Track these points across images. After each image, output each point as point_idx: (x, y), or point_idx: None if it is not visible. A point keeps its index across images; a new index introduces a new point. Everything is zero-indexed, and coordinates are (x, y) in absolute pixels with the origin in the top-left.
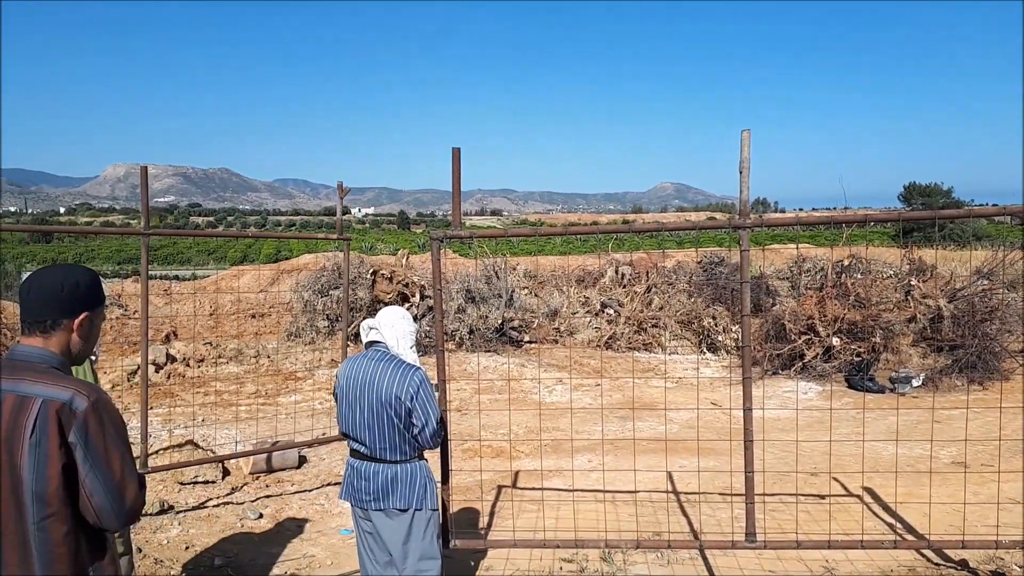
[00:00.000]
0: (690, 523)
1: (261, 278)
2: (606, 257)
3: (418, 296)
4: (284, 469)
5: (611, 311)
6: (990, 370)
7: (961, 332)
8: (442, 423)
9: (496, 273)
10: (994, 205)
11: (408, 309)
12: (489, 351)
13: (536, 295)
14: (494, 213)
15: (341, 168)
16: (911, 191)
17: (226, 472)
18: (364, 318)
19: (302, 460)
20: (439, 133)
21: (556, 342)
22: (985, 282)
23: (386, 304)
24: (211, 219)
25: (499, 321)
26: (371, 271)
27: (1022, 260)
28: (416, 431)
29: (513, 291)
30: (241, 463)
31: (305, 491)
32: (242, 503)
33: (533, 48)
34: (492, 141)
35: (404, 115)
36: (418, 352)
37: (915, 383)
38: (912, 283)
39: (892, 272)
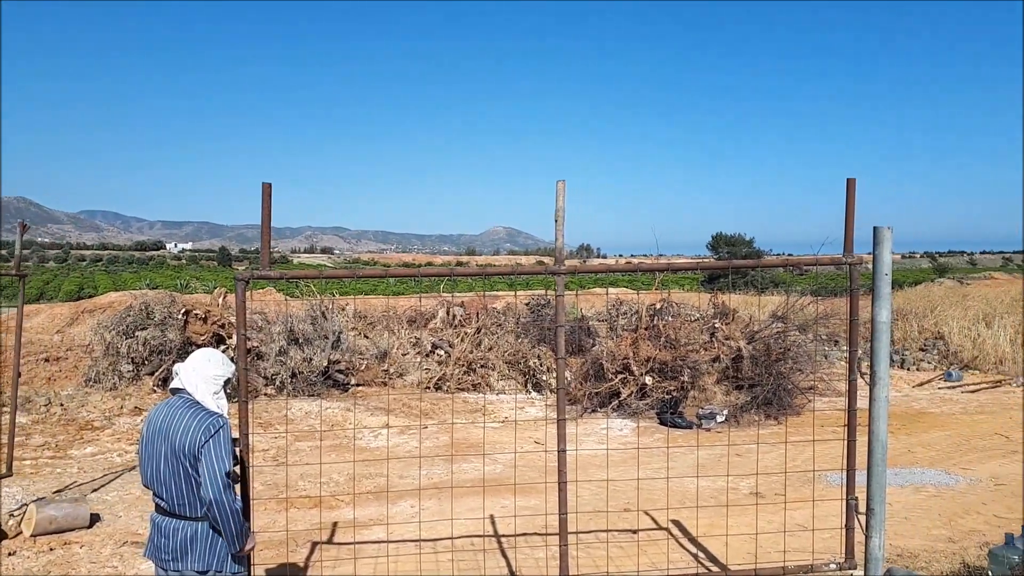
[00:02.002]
0: (509, 566)
1: (57, 318)
2: (438, 298)
3: (236, 337)
4: (73, 529)
5: (441, 352)
6: (784, 406)
7: (759, 371)
8: (232, 480)
9: (323, 313)
10: (790, 255)
11: (224, 351)
12: (313, 395)
13: (366, 336)
14: (324, 251)
15: (157, 200)
16: (718, 240)
17: (2, 535)
18: (174, 362)
19: (95, 518)
20: (267, 166)
21: (385, 384)
22: (780, 325)
23: (199, 346)
24: (2, 252)
25: (324, 364)
26: (183, 311)
27: (811, 305)
28: (198, 485)
29: (340, 332)
30: (21, 524)
31: (97, 553)
32: (19, 573)
33: (370, 87)
34: (325, 178)
35: (229, 146)
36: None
37: (719, 419)
38: (716, 325)
39: (699, 315)
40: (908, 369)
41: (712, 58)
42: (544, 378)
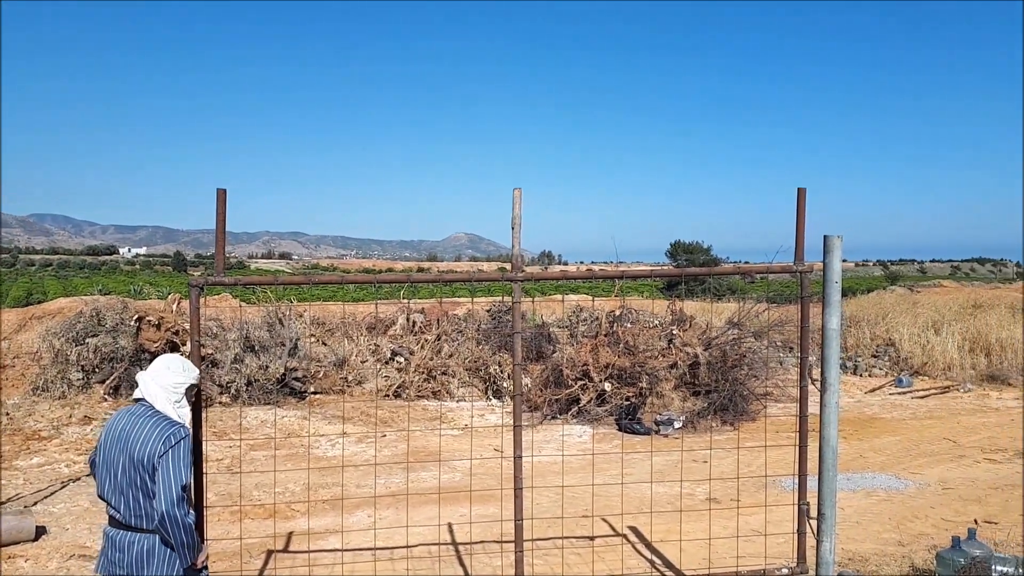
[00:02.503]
0: (465, 573)
1: (4, 324)
2: (398, 304)
3: (189, 345)
4: (18, 542)
5: (401, 359)
6: (739, 412)
7: (715, 377)
8: (186, 493)
9: (280, 320)
10: (747, 262)
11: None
12: (269, 403)
13: (323, 343)
14: (283, 256)
15: (111, 204)
16: (677, 248)
17: None
18: (125, 369)
19: (40, 531)
20: (224, 170)
21: (343, 392)
22: (735, 331)
23: (153, 354)
24: None
25: (281, 371)
26: (135, 317)
27: (766, 311)
28: (152, 496)
29: (298, 339)
30: None
31: (43, 567)
32: None
33: (329, 91)
34: (283, 182)
35: (185, 150)
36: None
37: (676, 425)
38: (674, 332)
39: (657, 322)
40: (861, 375)
41: (670, 66)
42: (505, 385)
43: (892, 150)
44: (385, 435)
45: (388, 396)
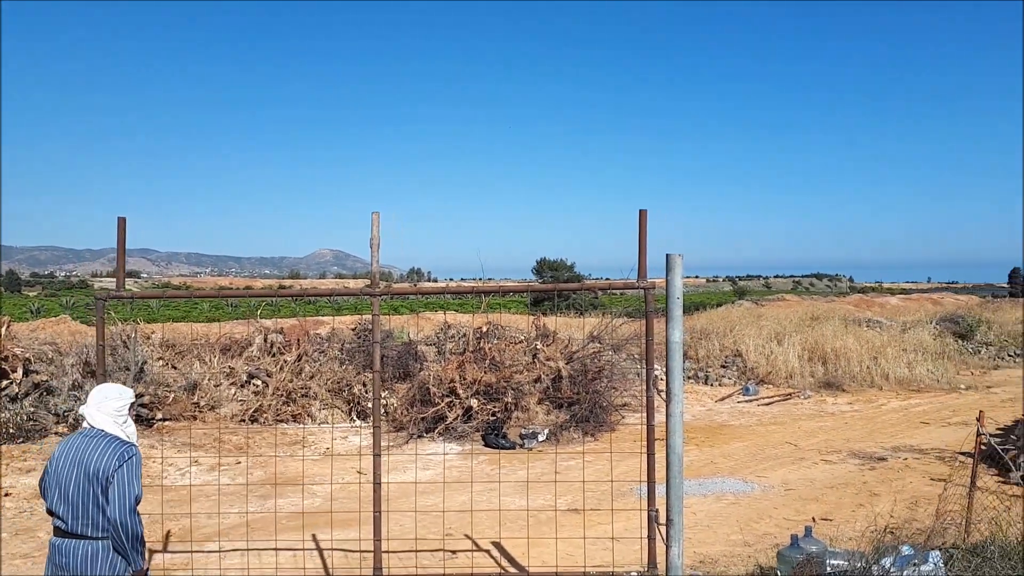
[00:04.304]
0: None
1: None
2: (255, 324)
3: (20, 371)
4: None
5: (258, 382)
6: (600, 422)
7: (577, 390)
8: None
9: (125, 343)
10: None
11: (7, 387)
12: None
13: (174, 366)
14: (130, 275)
15: None
16: (542, 265)
17: None
18: None
19: None
20: (63, 182)
21: (195, 418)
22: (596, 345)
23: None
24: None
25: None
26: None
27: (623, 325)
28: (107, 506)
29: (145, 362)
30: None
31: None
32: None
33: (183, 98)
34: (130, 195)
35: (20, 161)
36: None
37: (540, 438)
38: (538, 347)
39: (523, 337)
40: (711, 385)
41: (529, 83)
42: (370, 405)
43: (740, 172)
44: (240, 462)
45: (244, 421)
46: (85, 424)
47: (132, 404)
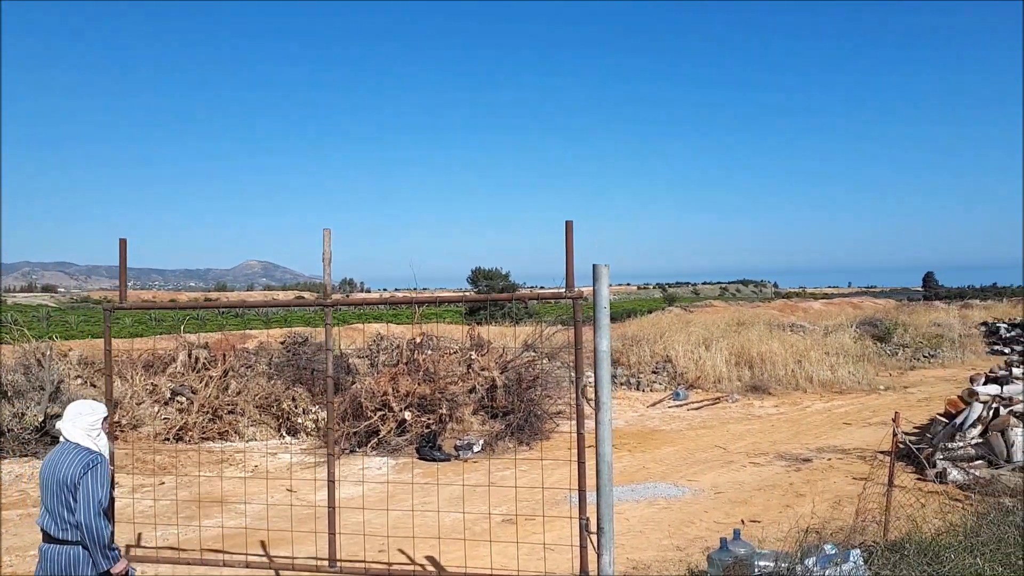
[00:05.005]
0: None
1: None
2: (178, 339)
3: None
4: None
5: (183, 399)
6: (535, 431)
7: (512, 399)
8: (103, 509)
9: (39, 361)
10: (542, 287)
11: None
12: (27, 455)
13: (93, 385)
14: (46, 289)
15: None
16: (477, 274)
17: None
18: None
19: None
20: None
21: (116, 438)
22: (530, 354)
23: None
24: None
25: (41, 418)
26: None
27: (557, 334)
28: (74, 510)
29: (61, 381)
30: None
31: None
32: None
33: (101, 102)
34: (46, 205)
35: None
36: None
37: (476, 448)
38: (473, 357)
39: (458, 347)
40: (643, 391)
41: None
42: (300, 421)
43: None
44: (164, 483)
45: (168, 439)
46: (62, 438)
47: (105, 418)
